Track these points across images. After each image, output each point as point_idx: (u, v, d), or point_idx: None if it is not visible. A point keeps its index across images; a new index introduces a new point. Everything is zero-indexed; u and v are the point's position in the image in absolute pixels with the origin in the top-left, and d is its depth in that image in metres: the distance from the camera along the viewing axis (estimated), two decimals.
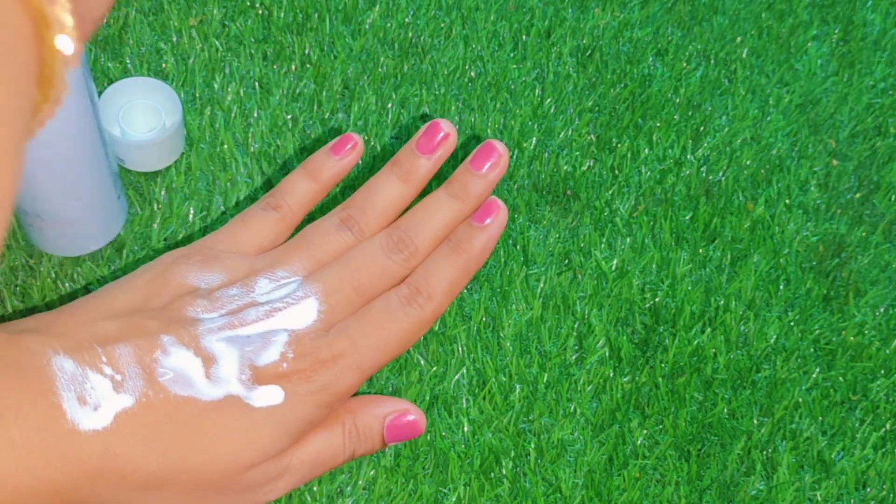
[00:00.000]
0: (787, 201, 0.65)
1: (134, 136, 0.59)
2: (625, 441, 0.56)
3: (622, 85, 0.67)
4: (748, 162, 0.66)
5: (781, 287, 0.62)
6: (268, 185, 0.61)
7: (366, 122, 0.63)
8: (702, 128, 0.67)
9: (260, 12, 0.66)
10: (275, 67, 0.65)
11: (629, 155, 0.65)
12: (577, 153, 0.64)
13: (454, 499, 0.54)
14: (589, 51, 0.68)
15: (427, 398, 0.56)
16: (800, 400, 0.59)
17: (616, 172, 0.64)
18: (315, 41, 0.66)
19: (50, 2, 0.28)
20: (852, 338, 0.61)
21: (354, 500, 0.53)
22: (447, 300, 0.48)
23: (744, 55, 0.70)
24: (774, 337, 0.60)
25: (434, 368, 0.57)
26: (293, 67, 0.65)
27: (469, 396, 0.56)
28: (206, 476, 0.43)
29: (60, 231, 0.55)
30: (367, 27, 0.67)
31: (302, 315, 0.45)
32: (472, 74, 0.66)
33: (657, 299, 0.60)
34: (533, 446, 0.56)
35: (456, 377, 0.57)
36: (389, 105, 0.64)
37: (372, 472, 0.54)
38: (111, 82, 0.60)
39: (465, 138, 0.64)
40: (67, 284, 0.56)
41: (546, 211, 0.62)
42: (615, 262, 0.61)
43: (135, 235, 0.58)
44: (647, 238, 0.62)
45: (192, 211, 0.59)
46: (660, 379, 0.58)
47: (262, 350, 0.44)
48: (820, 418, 0.58)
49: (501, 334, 0.58)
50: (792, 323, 0.61)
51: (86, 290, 0.56)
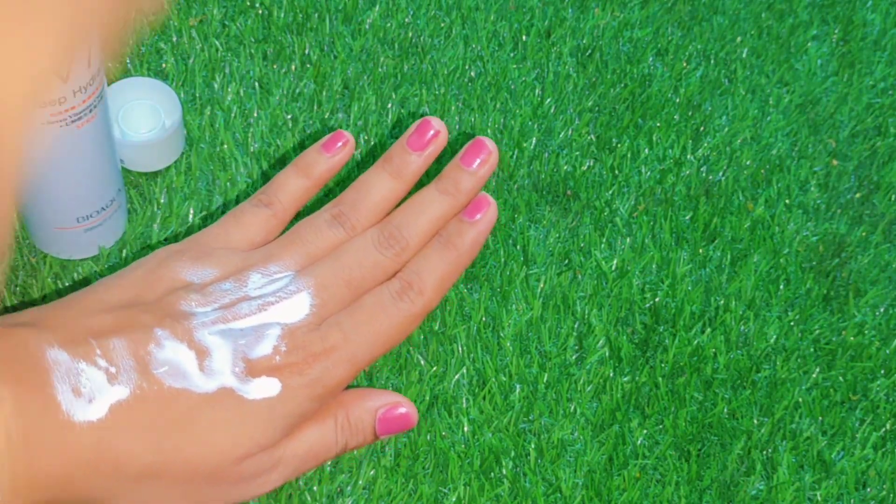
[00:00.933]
0: (787, 201, 0.65)
1: (134, 136, 0.59)
2: (625, 441, 0.56)
3: (622, 85, 0.67)
4: (748, 162, 0.66)
5: (781, 287, 0.62)
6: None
7: (365, 122, 0.63)
8: (702, 128, 0.67)
9: (260, 12, 0.66)
10: (275, 67, 0.65)
11: (629, 155, 0.65)
12: (577, 153, 0.64)
13: (454, 499, 0.54)
14: (589, 51, 0.68)
15: (427, 398, 0.56)
16: (800, 400, 0.59)
17: (616, 172, 0.64)
18: (315, 41, 0.66)
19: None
20: (852, 338, 0.61)
21: (354, 500, 0.53)
22: (438, 295, 0.49)
23: (744, 55, 0.70)
24: (774, 337, 0.60)
25: (434, 368, 0.57)
26: (293, 67, 0.65)
27: (469, 396, 0.56)
28: (201, 467, 0.43)
29: (61, 232, 0.55)
30: (367, 27, 0.67)
31: (294, 309, 0.46)
32: (472, 74, 0.66)
33: (657, 299, 0.60)
34: (533, 446, 0.56)
35: (456, 377, 0.57)
36: (389, 105, 0.64)
37: (372, 472, 0.54)
38: (111, 82, 0.60)
39: (466, 138, 0.64)
40: (68, 284, 0.56)
41: (546, 211, 0.62)
42: (615, 262, 0.61)
43: (135, 235, 0.58)
44: (647, 238, 0.62)
45: (192, 211, 0.59)
46: (660, 379, 0.58)
47: (256, 343, 0.44)
48: (820, 418, 0.58)
49: (501, 334, 0.58)
50: (792, 323, 0.61)
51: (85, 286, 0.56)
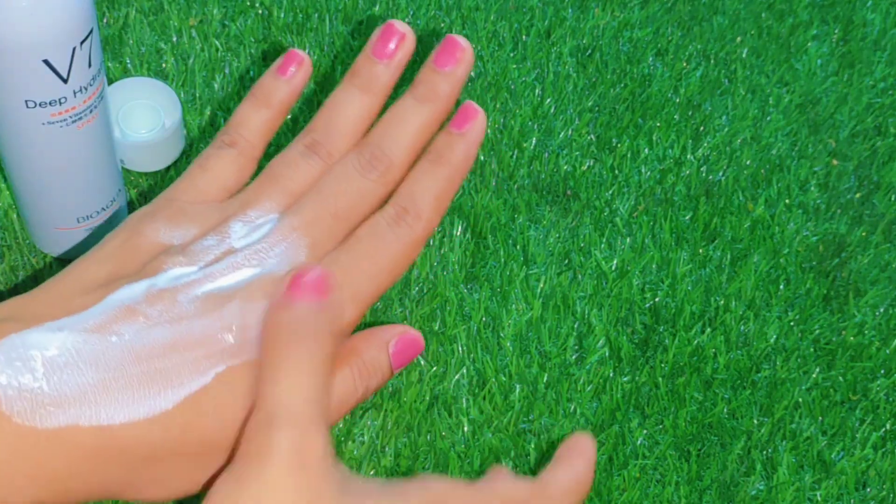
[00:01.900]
0: (787, 201, 0.65)
1: (134, 136, 0.59)
2: (625, 441, 0.56)
3: (622, 85, 0.67)
4: (748, 162, 0.66)
5: (781, 287, 0.62)
6: None
7: None
8: (702, 128, 0.67)
9: (260, 12, 0.66)
10: None
11: (629, 155, 0.65)
12: (577, 153, 0.65)
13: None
14: (589, 51, 0.68)
15: (427, 398, 0.56)
16: (800, 400, 0.59)
17: (616, 172, 0.64)
18: (315, 41, 0.66)
19: None
20: (852, 338, 0.61)
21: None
22: (437, 216, 0.45)
23: (744, 55, 0.70)
24: (774, 337, 0.60)
25: (434, 368, 0.57)
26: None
27: (469, 396, 0.56)
28: (215, 438, 0.41)
29: (62, 232, 0.55)
30: (367, 27, 0.67)
31: (287, 253, 0.43)
32: (472, 74, 0.66)
33: (657, 299, 0.60)
34: (533, 446, 0.56)
35: (456, 377, 0.57)
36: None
37: (372, 472, 0.54)
38: (111, 82, 0.60)
39: None
40: None
41: (546, 211, 0.62)
42: (615, 262, 0.61)
43: None
44: (647, 238, 0.62)
45: None
46: (660, 379, 0.58)
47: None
48: (820, 418, 0.58)
49: (501, 334, 0.58)
50: (792, 323, 0.61)
51: None
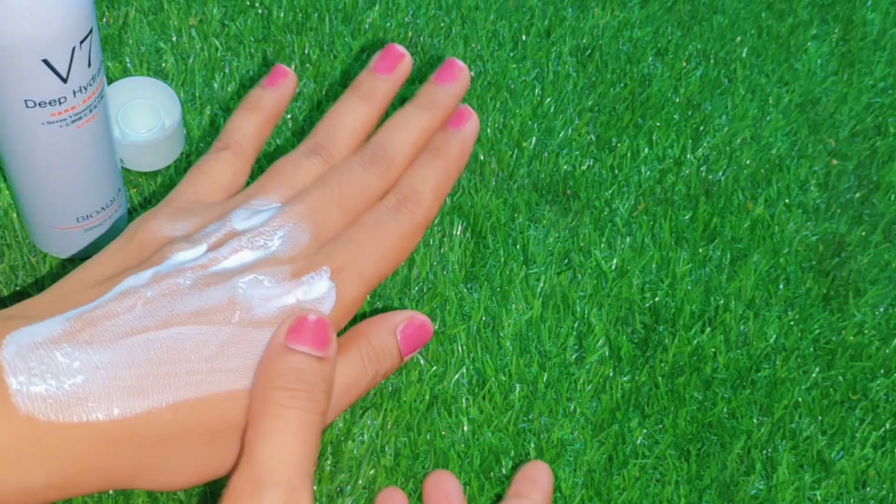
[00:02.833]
0: (787, 201, 0.65)
1: (134, 136, 0.59)
2: (624, 440, 0.56)
3: (622, 84, 0.67)
4: (748, 161, 0.66)
5: (781, 286, 0.62)
6: None
7: None
8: (701, 127, 0.67)
9: (260, 12, 0.66)
10: None
11: (629, 154, 0.65)
12: (577, 153, 0.65)
13: None
14: (589, 50, 0.68)
15: (427, 398, 0.56)
16: (799, 399, 0.59)
17: (616, 172, 0.64)
18: (315, 41, 0.66)
19: None
20: (852, 337, 0.61)
21: (354, 500, 0.53)
22: (436, 204, 0.47)
23: (744, 55, 0.70)
24: (774, 336, 0.60)
25: (434, 368, 0.57)
26: (293, 67, 0.65)
27: (469, 396, 0.56)
28: (226, 416, 0.41)
29: (62, 232, 0.55)
30: (367, 27, 0.67)
31: (290, 237, 0.44)
32: (472, 74, 0.66)
33: (657, 299, 0.60)
34: (533, 446, 0.56)
35: (456, 377, 0.57)
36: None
37: (372, 472, 0.54)
38: (111, 82, 0.60)
39: None
40: None
41: (546, 210, 0.62)
42: (615, 262, 0.61)
43: None
44: (647, 238, 0.62)
45: None
46: (659, 378, 0.58)
47: (258, 280, 0.43)
48: (819, 418, 0.58)
49: (501, 334, 0.58)
50: (792, 322, 0.61)
51: None
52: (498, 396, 0.57)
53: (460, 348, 0.58)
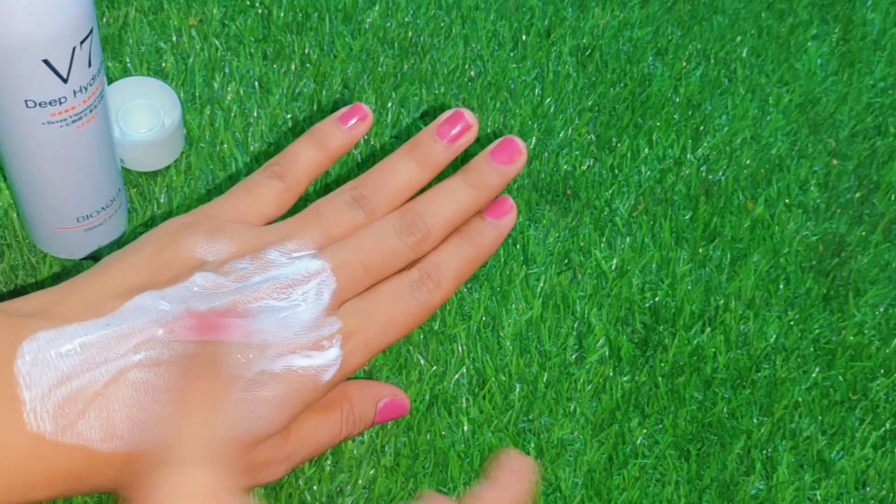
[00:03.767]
0: (787, 201, 0.65)
1: (134, 136, 0.59)
2: (624, 440, 0.56)
3: (622, 84, 0.67)
4: (748, 161, 0.66)
5: (781, 286, 0.62)
6: None
7: None
8: (701, 127, 0.67)
9: (260, 11, 0.66)
10: (274, 67, 0.65)
11: (629, 154, 0.65)
12: (577, 152, 0.65)
13: (454, 498, 0.54)
14: (589, 50, 0.68)
15: (427, 398, 0.56)
16: (799, 399, 0.59)
17: (616, 172, 0.64)
18: (315, 40, 0.66)
19: None
20: (852, 337, 0.61)
21: (354, 500, 0.53)
22: (454, 289, 0.48)
23: (743, 55, 0.70)
24: (774, 336, 0.60)
25: (434, 368, 0.57)
26: (293, 67, 0.65)
27: (469, 396, 0.56)
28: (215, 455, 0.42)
29: (61, 231, 0.55)
30: (367, 26, 0.67)
31: (313, 293, 0.45)
32: (472, 74, 0.66)
33: (657, 299, 0.60)
34: (533, 446, 0.56)
35: (456, 377, 0.57)
36: (389, 104, 0.64)
37: (372, 472, 0.54)
38: (111, 82, 0.60)
39: None
40: None
41: (546, 210, 0.62)
42: (615, 262, 0.61)
43: (135, 235, 0.58)
44: (647, 237, 0.62)
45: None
46: (659, 378, 0.58)
47: (274, 328, 0.44)
48: (820, 418, 0.58)
49: (501, 334, 0.58)
50: (792, 322, 0.61)
51: None
52: (498, 396, 0.57)
53: (460, 348, 0.58)
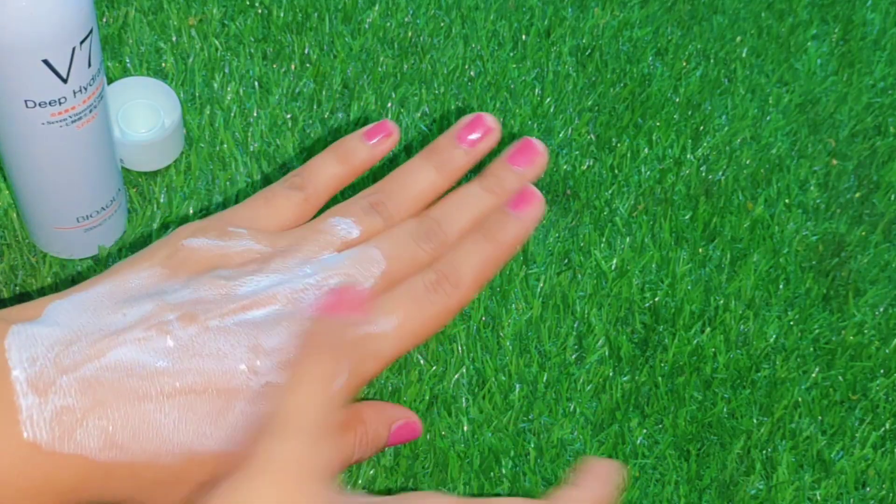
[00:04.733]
0: (787, 201, 0.65)
1: (134, 136, 0.59)
2: (624, 440, 0.56)
3: (622, 84, 0.67)
4: (748, 161, 0.66)
5: (781, 286, 0.62)
6: (267, 184, 0.61)
7: (365, 122, 0.63)
8: (701, 127, 0.67)
9: (259, 11, 0.66)
10: (274, 67, 0.65)
11: (629, 154, 0.65)
12: (577, 152, 0.65)
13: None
14: (588, 50, 0.68)
15: (426, 398, 0.56)
16: (799, 399, 0.59)
17: (616, 172, 0.64)
18: (315, 40, 0.66)
19: None
20: (852, 337, 0.61)
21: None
22: (474, 290, 0.45)
23: (743, 55, 0.70)
24: (774, 336, 0.60)
25: (433, 368, 0.57)
26: (293, 67, 0.65)
27: (469, 396, 0.56)
28: (219, 469, 0.40)
29: (61, 231, 0.55)
30: (367, 26, 0.67)
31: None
32: (472, 74, 0.66)
33: (657, 299, 0.60)
34: (532, 446, 0.56)
35: (455, 377, 0.57)
36: (389, 104, 0.64)
37: (371, 472, 0.54)
38: (111, 82, 0.60)
39: None
40: (68, 285, 0.56)
41: (546, 210, 0.62)
42: (615, 262, 0.61)
43: (135, 235, 0.58)
44: (647, 237, 0.62)
45: (192, 210, 0.59)
46: (659, 378, 0.58)
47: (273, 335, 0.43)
48: (819, 418, 0.58)
49: (501, 334, 0.58)
50: (791, 322, 0.61)
51: None
52: (498, 396, 0.57)
53: (460, 348, 0.58)
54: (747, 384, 0.59)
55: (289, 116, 0.63)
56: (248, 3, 0.67)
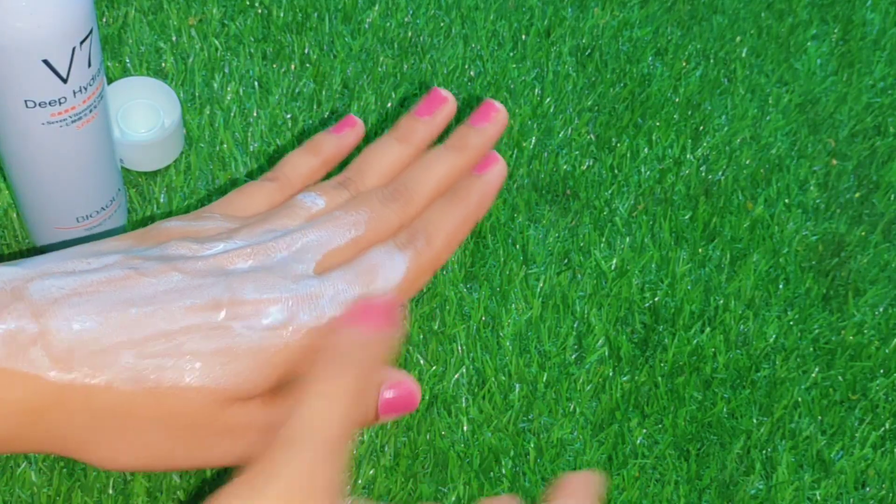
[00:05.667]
0: (787, 201, 0.65)
1: (133, 136, 0.59)
2: (624, 440, 0.56)
3: (622, 84, 0.67)
4: (747, 161, 0.66)
5: (781, 286, 0.62)
6: None
7: (365, 122, 0.64)
8: (701, 127, 0.67)
9: (259, 11, 0.66)
10: (274, 67, 0.65)
11: (629, 154, 0.65)
12: (577, 152, 0.65)
13: (454, 498, 0.54)
14: (588, 50, 0.68)
15: (426, 397, 0.56)
16: (799, 399, 0.59)
17: (615, 172, 0.64)
18: (314, 40, 0.66)
19: None
20: (851, 337, 0.61)
21: (354, 500, 0.53)
22: (446, 250, 0.47)
23: (743, 55, 0.70)
24: (774, 336, 0.60)
25: (433, 368, 0.57)
26: (293, 67, 0.65)
27: (468, 396, 0.56)
28: (179, 407, 0.41)
29: (62, 231, 0.55)
30: (367, 26, 0.67)
31: (292, 258, 0.44)
32: (472, 74, 0.66)
33: (657, 299, 0.61)
34: (532, 445, 0.56)
35: (455, 376, 0.57)
36: (389, 104, 0.64)
37: (371, 472, 0.54)
38: (111, 82, 0.60)
39: None
40: None
41: (545, 210, 0.62)
42: (615, 262, 0.61)
43: None
44: (647, 237, 0.62)
45: (192, 210, 0.59)
46: (659, 378, 0.58)
47: (250, 286, 0.43)
48: (819, 417, 0.58)
49: (501, 334, 0.58)
50: (791, 322, 0.61)
51: None
52: (498, 396, 0.57)
53: (460, 348, 0.58)
54: (747, 384, 0.59)
55: (289, 116, 0.63)
56: (248, 3, 0.67)
